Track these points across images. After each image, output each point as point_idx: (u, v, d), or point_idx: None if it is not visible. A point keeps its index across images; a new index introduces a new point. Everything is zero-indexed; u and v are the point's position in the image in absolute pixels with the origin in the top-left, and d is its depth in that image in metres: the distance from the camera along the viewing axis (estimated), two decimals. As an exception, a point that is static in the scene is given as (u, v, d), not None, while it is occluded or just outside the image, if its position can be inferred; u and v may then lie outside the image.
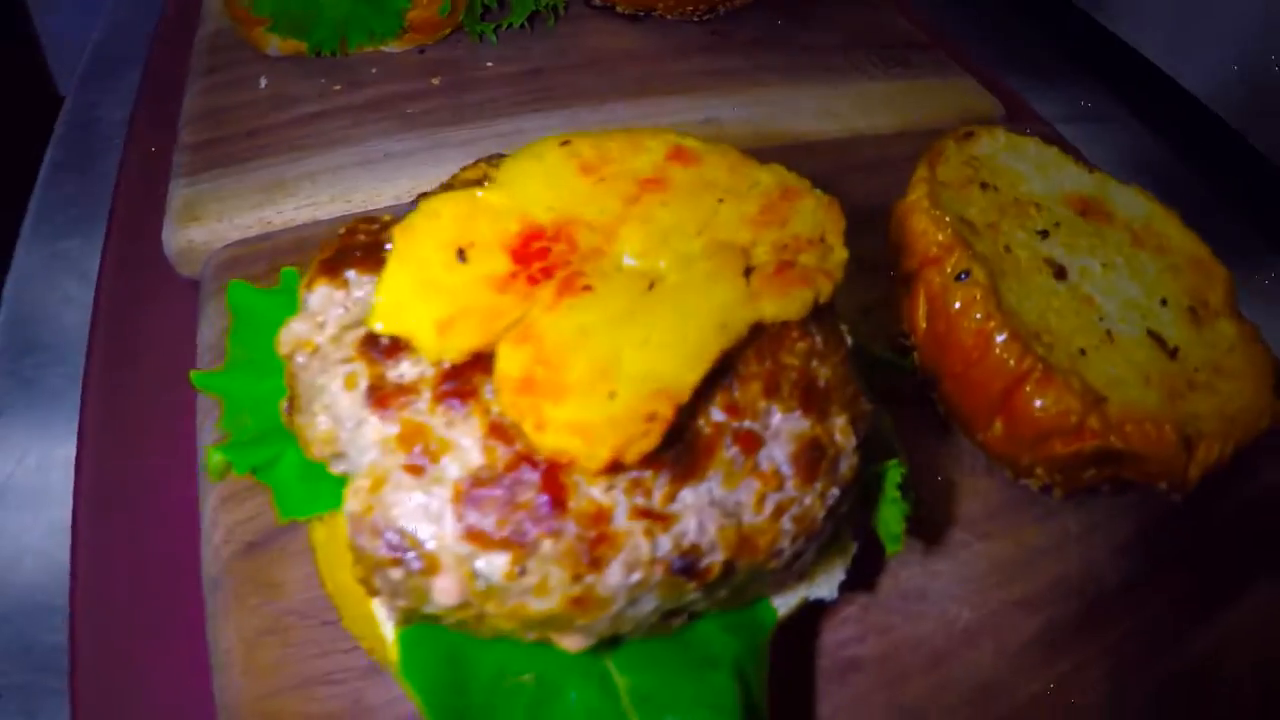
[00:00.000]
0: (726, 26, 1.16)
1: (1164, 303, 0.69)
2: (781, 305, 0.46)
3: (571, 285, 0.42)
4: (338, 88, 0.98)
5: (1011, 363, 0.63)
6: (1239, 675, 0.62)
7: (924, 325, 0.68)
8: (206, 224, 0.84)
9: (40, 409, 0.85)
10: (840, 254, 0.50)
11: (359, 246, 0.48)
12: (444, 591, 0.39)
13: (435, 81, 1.00)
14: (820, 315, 0.49)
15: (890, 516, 0.54)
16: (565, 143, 0.49)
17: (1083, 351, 0.65)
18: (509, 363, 0.38)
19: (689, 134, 0.53)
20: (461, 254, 0.41)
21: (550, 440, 0.37)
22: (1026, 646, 0.62)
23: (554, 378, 0.38)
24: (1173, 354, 0.66)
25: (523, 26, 1.07)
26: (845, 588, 0.54)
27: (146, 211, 0.94)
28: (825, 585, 0.53)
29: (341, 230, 0.51)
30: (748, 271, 0.47)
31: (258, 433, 0.52)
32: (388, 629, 0.46)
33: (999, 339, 0.63)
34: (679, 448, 0.41)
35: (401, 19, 0.97)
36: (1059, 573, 0.66)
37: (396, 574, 0.39)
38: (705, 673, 0.46)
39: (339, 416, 0.43)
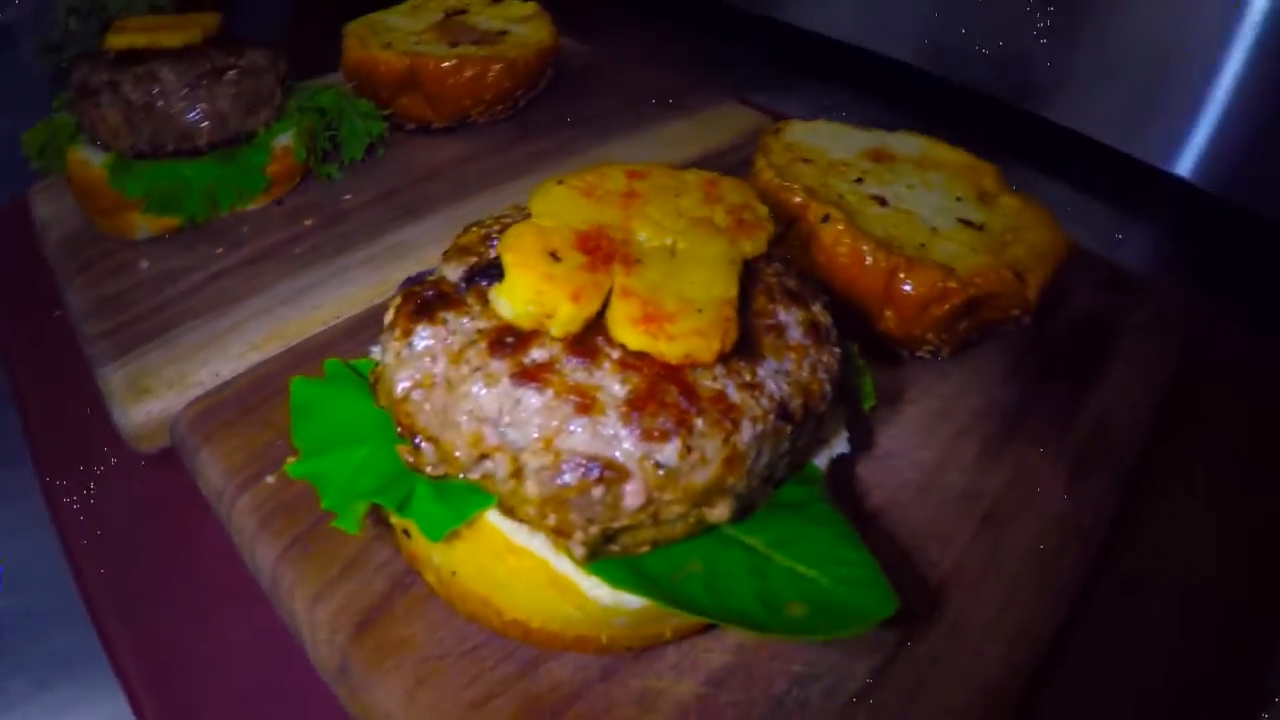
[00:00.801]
0: (528, 117, 1.34)
1: (959, 199, 0.94)
2: (754, 244, 0.63)
3: (628, 261, 0.56)
4: (219, 250, 1.04)
5: (882, 264, 0.83)
6: (1122, 431, 0.86)
7: (807, 259, 0.88)
8: (159, 394, 0.87)
9: (33, 642, 0.81)
10: (764, 209, 0.68)
11: (432, 298, 0.59)
12: (633, 494, 0.51)
13: (308, 223, 1.10)
14: (770, 250, 0.67)
15: (863, 380, 0.72)
16: (560, 181, 0.63)
17: (923, 245, 0.88)
18: (629, 309, 0.52)
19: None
20: (555, 255, 0.54)
21: (680, 346, 0.51)
22: (978, 460, 0.81)
23: (660, 311, 0.52)
24: (981, 229, 0.90)
25: (363, 160, 1.19)
26: (845, 457, 0.71)
27: (68, 419, 0.95)
28: (840, 444, 0.69)
29: (398, 296, 0.62)
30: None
31: (378, 486, 0.60)
32: (576, 577, 0.56)
33: (866, 250, 0.84)
34: (742, 343, 0.56)
35: (264, 175, 1.06)
36: (973, 407, 0.86)
37: (596, 492, 0.50)
38: (805, 510, 0.60)
39: (486, 413, 0.53)
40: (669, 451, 0.51)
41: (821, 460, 0.68)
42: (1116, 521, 0.79)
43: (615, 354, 0.53)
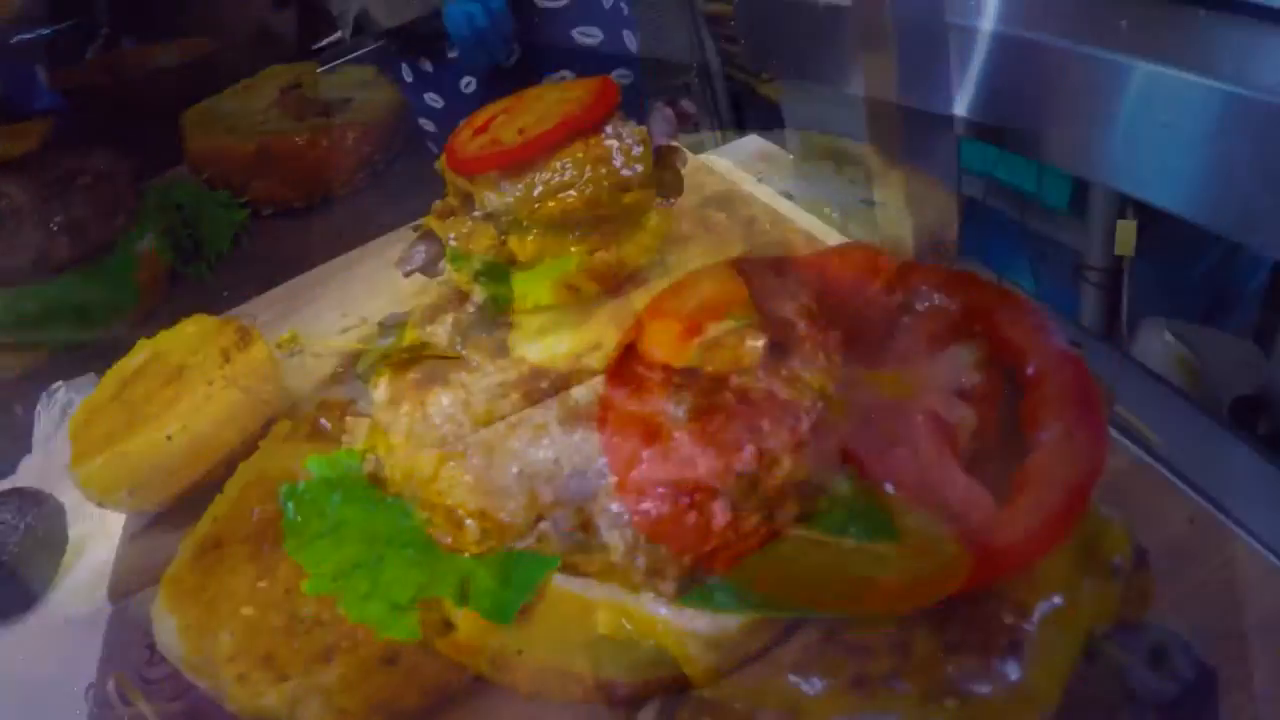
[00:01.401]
0: (389, 180, 1.31)
1: (852, 181, 0.99)
2: (733, 246, 0.64)
3: (637, 282, 0.56)
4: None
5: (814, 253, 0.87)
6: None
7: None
8: (83, 550, 0.77)
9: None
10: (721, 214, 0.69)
11: (434, 362, 0.55)
12: (721, 511, 0.49)
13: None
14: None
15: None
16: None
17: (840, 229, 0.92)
18: (668, 326, 0.51)
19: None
20: (572, 288, 0.52)
21: (727, 353, 0.51)
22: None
23: (696, 323, 0.52)
24: (883, 204, 0.96)
25: (229, 252, 1.11)
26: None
27: None
28: (846, 426, 0.70)
29: (386, 370, 0.57)
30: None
31: (422, 582, 0.55)
32: (670, 615, 0.53)
33: (796, 243, 0.87)
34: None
35: (134, 284, 0.95)
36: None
37: (690, 518, 0.49)
38: (852, 493, 0.60)
39: (539, 468, 0.51)
40: (746, 458, 0.50)
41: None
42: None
43: (656, 376, 0.52)
